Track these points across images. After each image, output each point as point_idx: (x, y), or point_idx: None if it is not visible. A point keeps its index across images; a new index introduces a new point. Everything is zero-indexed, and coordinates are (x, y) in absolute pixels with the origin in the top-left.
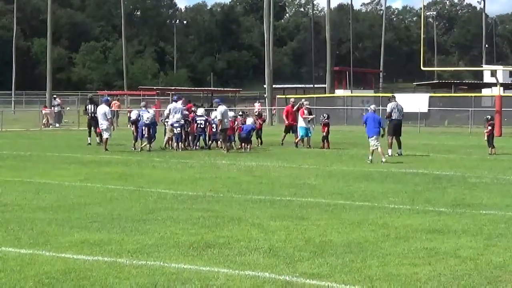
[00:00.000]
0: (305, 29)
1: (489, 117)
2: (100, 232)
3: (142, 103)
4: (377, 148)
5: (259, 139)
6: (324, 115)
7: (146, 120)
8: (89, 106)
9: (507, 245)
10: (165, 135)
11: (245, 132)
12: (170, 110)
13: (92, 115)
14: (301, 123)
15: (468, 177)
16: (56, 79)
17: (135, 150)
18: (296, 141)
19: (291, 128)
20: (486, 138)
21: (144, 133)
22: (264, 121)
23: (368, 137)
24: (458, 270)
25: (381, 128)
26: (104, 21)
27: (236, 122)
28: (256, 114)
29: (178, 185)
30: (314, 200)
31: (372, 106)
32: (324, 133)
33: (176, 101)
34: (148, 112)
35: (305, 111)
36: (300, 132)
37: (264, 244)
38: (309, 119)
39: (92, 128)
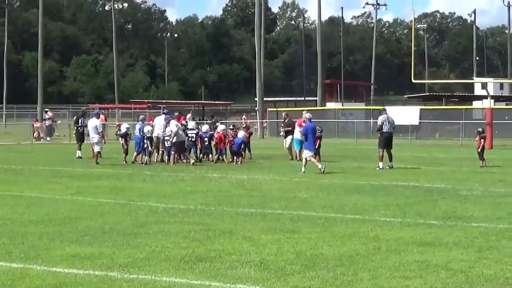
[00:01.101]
0: (296, 42)
1: (481, 129)
2: (91, 246)
3: (141, 117)
4: (311, 159)
5: (248, 152)
6: (318, 127)
7: (147, 133)
8: (81, 119)
9: (498, 257)
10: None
11: (236, 146)
12: (154, 123)
13: (83, 128)
14: (297, 134)
15: (459, 190)
16: (47, 93)
17: (126, 164)
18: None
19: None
20: (479, 150)
21: (146, 146)
22: (251, 134)
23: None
24: (449, 282)
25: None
26: (95, 34)
27: (226, 136)
28: (244, 126)
29: (169, 198)
30: (305, 213)
31: (308, 115)
32: (316, 146)
33: (165, 114)
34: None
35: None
36: (294, 144)
37: (255, 258)
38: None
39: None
